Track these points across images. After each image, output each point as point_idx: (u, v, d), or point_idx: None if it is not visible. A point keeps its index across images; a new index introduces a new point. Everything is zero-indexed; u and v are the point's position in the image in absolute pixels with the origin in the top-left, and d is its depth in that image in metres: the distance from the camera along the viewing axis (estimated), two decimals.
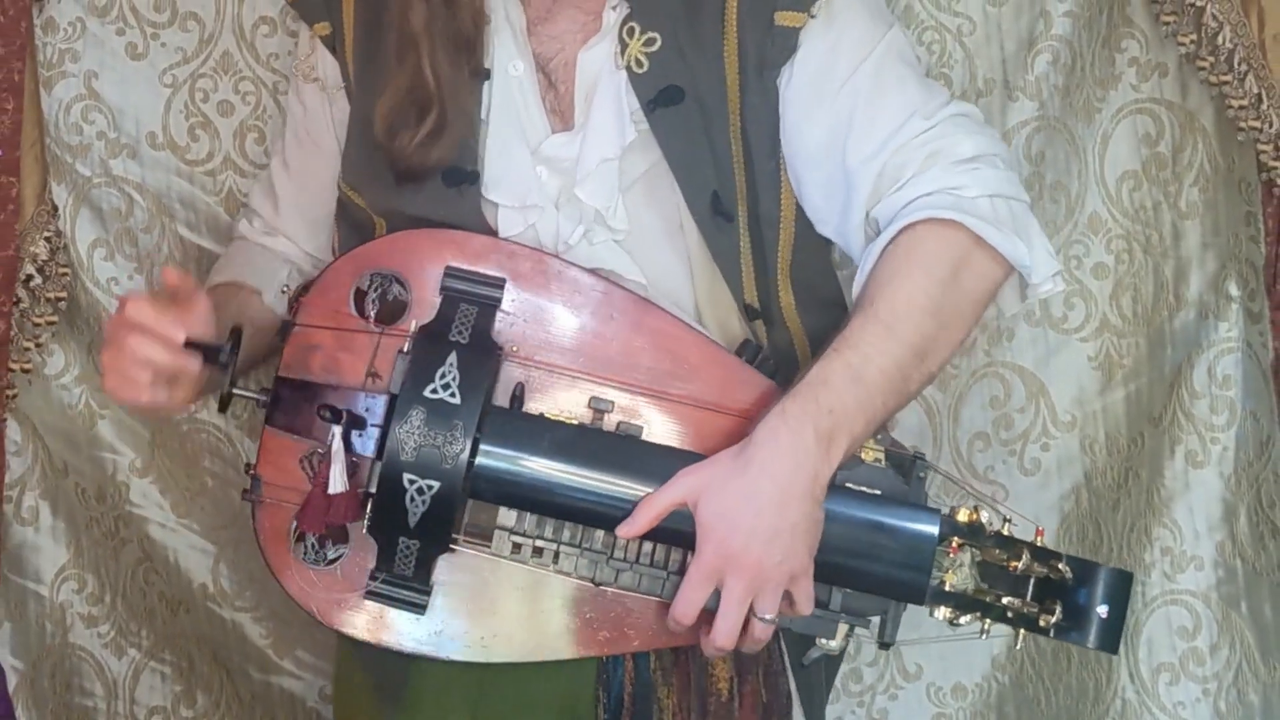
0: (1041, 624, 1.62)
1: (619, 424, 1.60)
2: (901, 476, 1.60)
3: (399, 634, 1.62)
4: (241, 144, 2.10)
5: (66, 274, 2.06)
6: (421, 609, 1.60)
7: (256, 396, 1.65)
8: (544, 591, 1.61)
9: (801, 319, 1.75)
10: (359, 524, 1.58)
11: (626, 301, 1.65)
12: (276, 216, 1.93)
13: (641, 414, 1.61)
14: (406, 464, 1.53)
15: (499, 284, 1.63)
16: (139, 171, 2.09)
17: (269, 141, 2.07)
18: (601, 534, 1.58)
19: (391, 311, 1.64)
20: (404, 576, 1.58)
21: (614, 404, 1.61)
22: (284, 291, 1.82)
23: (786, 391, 1.55)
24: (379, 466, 1.55)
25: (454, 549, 1.58)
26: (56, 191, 2.06)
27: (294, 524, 1.61)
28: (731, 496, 1.51)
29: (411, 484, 1.53)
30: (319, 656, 2.17)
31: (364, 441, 1.57)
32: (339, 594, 1.62)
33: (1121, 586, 1.64)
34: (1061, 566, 1.62)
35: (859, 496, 1.58)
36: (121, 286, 2.10)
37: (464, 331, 1.59)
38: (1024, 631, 1.64)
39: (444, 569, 1.60)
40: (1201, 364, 2.10)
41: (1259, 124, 2.00)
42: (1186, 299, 2.11)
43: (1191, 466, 2.11)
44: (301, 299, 1.66)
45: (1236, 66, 2.00)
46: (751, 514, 1.50)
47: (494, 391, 1.59)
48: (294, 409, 1.61)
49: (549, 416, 1.59)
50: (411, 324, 1.61)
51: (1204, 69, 2.02)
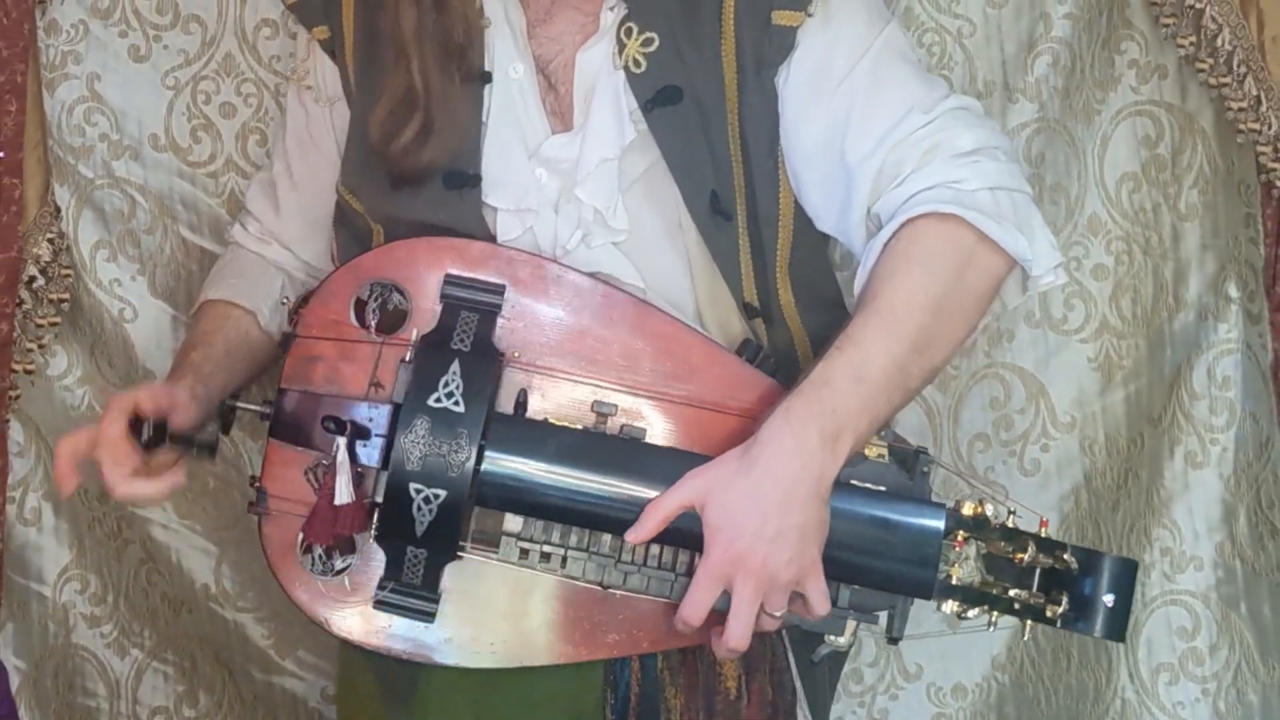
0: (1048, 615, 1.61)
1: (622, 427, 1.60)
2: (905, 472, 1.60)
3: (408, 642, 1.62)
4: (243, 146, 2.09)
5: (69, 275, 2.06)
6: (431, 617, 1.60)
7: (259, 409, 1.65)
8: (552, 596, 1.62)
9: (801, 317, 1.75)
10: (366, 534, 1.58)
11: (626, 304, 1.65)
12: (276, 219, 1.93)
13: (644, 416, 1.62)
14: (412, 473, 1.53)
15: (499, 290, 1.63)
16: (141, 173, 2.09)
17: (270, 143, 2.07)
18: (609, 537, 1.58)
19: (392, 321, 1.64)
20: (412, 585, 1.58)
21: (617, 407, 1.61)
22: (284, 303, 1.83)
23: (789, 391, 1.54)
24: (385, 476, 1.55)
25: (461, 556, 1.58)
26: (59, 193, 2.06)
27: (301, 536, 1.61)
28: (737, 497, 1.51)
29: (418, 493, 1.53)
30: (321, 657, 2.17)
31: (369, 452, 1.57)
32: (348, 604, 1.62)
33: (1127, 575, 1.63)
34: (1067, 557, 1.61)
35: (864, 493, 1.58)
36: (124, 287, 2.10)
37: (465, 339, 1.59)
38: (1030, 623, 1.63)
39: (451, 576, 1.60)
40: (1201, 365, 2.10)
41: (1258, 126, 2.00)
42: (1186, 300, 2.11)
43: (1191, 467, 2.11)
44: (301, 310, 1.66)
45: (1236, 68, 2.00)
46: (758, 515, 1.50)
47: (497, 398, 1.59)
48: (297, 421, 1.61)
49: (553, 422, 1.59)
50: (413, 333, 1.61)
51: (1203, 71, 2.01)
